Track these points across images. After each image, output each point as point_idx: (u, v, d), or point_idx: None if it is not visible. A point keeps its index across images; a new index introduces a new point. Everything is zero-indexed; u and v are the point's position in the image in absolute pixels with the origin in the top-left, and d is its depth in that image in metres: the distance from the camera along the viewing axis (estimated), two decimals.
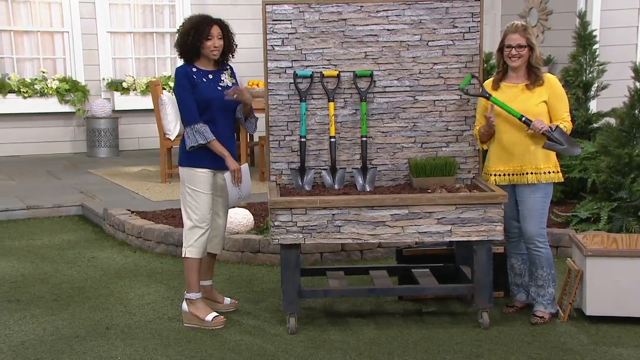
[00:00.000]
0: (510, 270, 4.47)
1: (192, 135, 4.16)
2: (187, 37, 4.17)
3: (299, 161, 4.49)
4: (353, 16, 4.42)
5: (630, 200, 5.52)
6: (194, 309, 4.23)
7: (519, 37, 4.13)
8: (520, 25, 4.17)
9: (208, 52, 4.19)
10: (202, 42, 4.16)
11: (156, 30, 10.08)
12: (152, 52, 10.12)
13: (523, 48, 4.13)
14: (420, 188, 4.35)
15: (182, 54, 4.25)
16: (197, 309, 4.23)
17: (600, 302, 4.17)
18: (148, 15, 10.07)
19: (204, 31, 4.15)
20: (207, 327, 4.18)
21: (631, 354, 3.80)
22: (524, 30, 4.15)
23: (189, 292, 4.26)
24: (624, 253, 4.22)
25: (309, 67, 4.45)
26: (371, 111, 4.50)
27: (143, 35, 10.08)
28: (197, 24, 4.18)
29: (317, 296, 4.51)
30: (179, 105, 4.26)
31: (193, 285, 4.25)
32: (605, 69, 6.55)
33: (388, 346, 3.96)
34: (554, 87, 4.21)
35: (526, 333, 4.09)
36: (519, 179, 4.21)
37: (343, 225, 4.10)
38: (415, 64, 4.46)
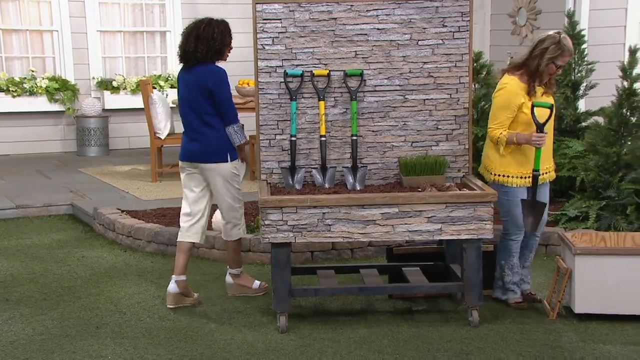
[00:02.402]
0: (510, 270, 4.44)
1: (241, 133, 4.52)
2: (226, 39, 4.48)
3: (289, 160, 4.50)
4: (343, 15, 4.44)
5: (619, 198, 5.56)
6: (240, 280, 4.73)
7: (569, 59, 4.28)
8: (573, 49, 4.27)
9: (228, 54, 4.54)
10: (230, 45, 4.52)
11: (146, 29, 10.05)
12: (142, 51, 10.09)
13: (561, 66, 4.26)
14: (410, 187, 4.37)
15: (212, 56, 4.47)
16: (243, 279, 4.73)
17: (588, 300, 4.20)
18: (138, 14, 10.05)
19: (231, 35, 4.52)
20: (255, 294, 4.70)
21: (619, 351, 3.83)
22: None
23: (235, 267, 4.73)
24: (612, 251, 4.25)
25: (300, 66, 4.46)
26: (361, 110, 4.51)
27: (133, 34, 10.06)
28: (228, 27, 4.54)
29: (308, 295, 4.52)
30: (226, 103, 4.47)
31: (240, 261, 4.77)
32: (594, 69, 6.59)
33: (378, 344, 3.98)
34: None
35: (515, 331, 4.11)
36: (542, 179, 4.32)
37: (333, 224, 4.11)
38: (405, 63, 4.48)
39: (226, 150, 4.49)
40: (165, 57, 10.09)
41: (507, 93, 4.25)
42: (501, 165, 4.34)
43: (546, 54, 4.17)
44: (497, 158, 4.34)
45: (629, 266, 4.15)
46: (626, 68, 6.07)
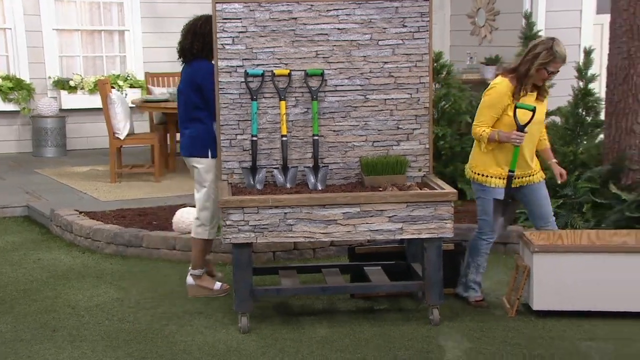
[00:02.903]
0: (475, 269, 4.50)
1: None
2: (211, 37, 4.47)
3: (250, 160, 4.47)
4: (303, 15, 4.43)
5: (575, 197, 5.65)
6: (201, 281, 4.71)
7: (561, 66, 4.28)
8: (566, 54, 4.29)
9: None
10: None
11: (104, 28, 9.91)
12: (101, 50, 9.94)
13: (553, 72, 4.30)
14: (371, 186, 4.38)
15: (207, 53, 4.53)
16: (204, 280, 4.72)
17: (546, 297, 4.26)
18: (95, 13, 9.89)
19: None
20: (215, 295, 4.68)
21: (575, 347, 3.90)
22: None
23: (197, 267, 4.70)
24: (569, 249, 4.32)
25: (260, 66, 4.44)
26: (322, 110, 4.51)
27: (91, 33, 9.90)
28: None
29: (270, 295, 4.51)
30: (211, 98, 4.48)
31: (202, 262, 4.72)
32: None
33: (340, 344, 3.98)
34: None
35: (475, 329, 4.16)
36: (530, 180, 4.43)
37: (295, 224, 4.11)
38: (365, 63, 4.49)
39: (207, 145, 4.55)
40: (124, 56, 9.96)
41: (496, 93, 4.34)
42: (482, 164, 4.41)
43: (538, 59, 4.23)
44: (480, 157, 4.43)
45: (586, 263, 4.23)
46: (581, 69, 6.19)
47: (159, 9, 9.61)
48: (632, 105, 5.46)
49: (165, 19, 9.62)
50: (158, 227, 5.82)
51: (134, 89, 9.60)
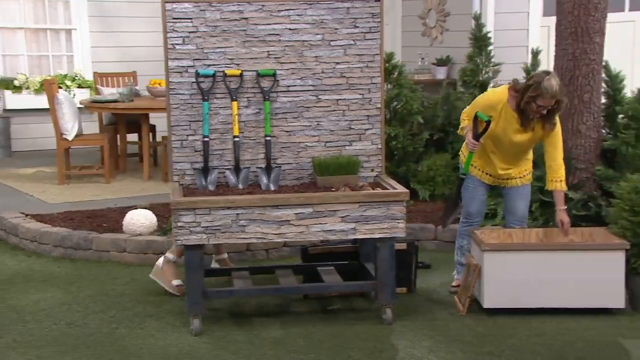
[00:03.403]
0: (459, 250, 4.77)
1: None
2: None
3: (202, 161, 4.43)
4: (254, 15, 4.41)
5: None
6: (167, 267, 4.67)
7: (553, 101, 4.25)
8: (559, 90, 4.24)
9: None
10: None
11: (50, 27, 9.68)
12: (47, 49, 9.71)
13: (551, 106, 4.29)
14: (324, 187, 4.39)
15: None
16: (170, 268, 4.67)
17: (496, 295, 4.32)
18: (40, 11, 9.65)
19: None
20: (168, 289, 4.63)
21: (524, 343, 3.96)
22: (560, 92, 4.26)
23: (174, 254, 4.67)
24: (518, 247, 4.39)
25: (211, 66, 4.41)
26: (275, 110, 4.50)
27: (35, 31, 9.66)
28: None
29: (222, 297, 4.47)
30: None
31: (179, 250, 4.61)
32: (500, 70, 6.81)
33: (293, 344, 3.97)
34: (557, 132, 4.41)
35: (427, 327, 4.19)
36: (506, 183, 4.61)
37: (247, 225, 4.08)
38: (317, 64, 4.49)
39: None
40: (71, 55, 9.74)
41: (489, 101, 4.45)
42: (475, 155, 4.57)
43: (528, 91, 4.28)
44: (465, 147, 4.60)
45: (534, 262, 4.30)
46: (529, 69, 6.29)
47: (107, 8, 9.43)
48: (577, 106, 5.58)
49: (114, 18, 9.46)
50: (108, 229, 5.72)
51: (82, 89, 9.40)
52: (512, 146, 4.47)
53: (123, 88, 7.82)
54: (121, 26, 9.35)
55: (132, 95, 7.56)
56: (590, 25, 5.47)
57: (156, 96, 7.60)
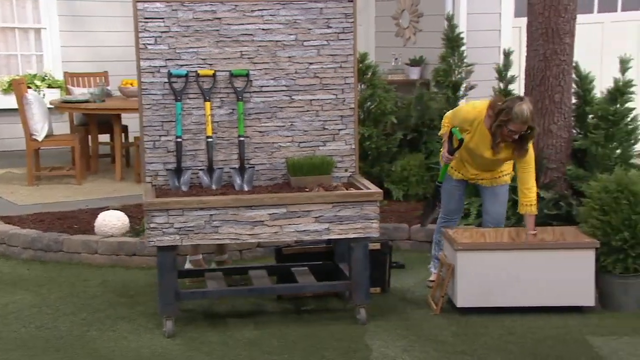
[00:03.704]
0: (436, 245, 4.85)
1: None
2: None
3: (175, 162, 4.41)
4: (227, 15, 4.39)
5: None
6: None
7: (524, 127, 4.28)
8: (530, 116, 4.26)
9: None
10: None
11: (18, 26, 9.53)
12: (15, 48, 9.55)
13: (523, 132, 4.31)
14: (298, 187, 4.39)
15: None
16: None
17: (469, 294, 4.35)
18: (7, 10, 9.48)
19: None
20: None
21: (497, 342, 4.00)
22: (532, 119, 4.29)
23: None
24: (491, 246, 4.42)
25: (184, 66, 4.38)
26: (248, 111, 4.48)
27: (3, 30, 9.50)
28: None
29: (195, 298, 4.45)
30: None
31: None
32: (473, 70, 6.84)
33: (267, 345, 3.96)
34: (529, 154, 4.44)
35: (401, 327, 4.21)
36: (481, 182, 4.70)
37: (221, 226, 4.07)
38: (291, 64, 4.49)
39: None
40: (41, 55, 9.59)
41: (468, 114, 4.48)
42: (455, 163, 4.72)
43: (500, 115, 4.31)
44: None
45: (507, 261, 4.34)
46: (501, 70, 6.34)
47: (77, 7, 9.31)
48: (548, 106, 5.64)
49: (84, 17, 9.33)
50: (79, 230, 5.65)
51: (52, 89, 9.27)
52: (484, 160, 4.54)
53: (94, 88, 7.73)
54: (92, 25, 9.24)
55: (103, 96, 7.49)
56: (560, 27, 5.53)
57: (128, 96, 7.53)
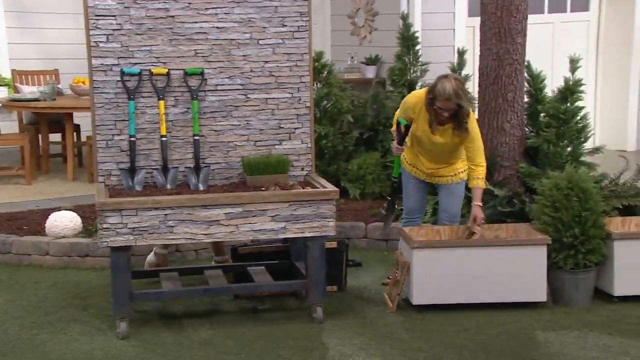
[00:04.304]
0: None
1: None
2: None
3: (128, 161, 4.35)
4: (181, 13, 4.35)
5: None
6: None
7: (450, 104, 4.31)
8: (453, 93, 4.27)
9: None
10: None
11: None
12: None
13: (452, 109, 4.34)
14: (254, 186, 4.37)
15: None
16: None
17: (425, 291, 4.39)
18: None
19: None
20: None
21: (452, 339, 4.04)
22: (456, 96, 4.29)
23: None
24: (446, 244, 4.47)
25: (137, 65, 4.32)
26: (203, 109, 4.45)
27: None
28: None
29: (150, 299, 4.40)
30: None
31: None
32: (427, 69, 6.90)
33: (223, 345, 3.94)
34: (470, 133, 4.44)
35: (357, 325, 4.22)
36: (438, 180, 4.67)
37: (176, 226, 4.03)
38: (246, 62, 4.47)
39: None
40: None
41: (409, 103, 4.54)
42: (405, 151, 4.70)
43: (429, 93, 4.39)
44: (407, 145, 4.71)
45: (462, 258, 4.38)
46: (455, 69, 6.42)
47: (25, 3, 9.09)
48: (502, 105, 5.72)
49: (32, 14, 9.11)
50: (29, 232, 5.54)
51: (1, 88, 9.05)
52: (433, 147, 4.55)
53: (44, 86, 7.57)
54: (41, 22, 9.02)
55: (54, 94, 7.34)
56: (512, 26, 5.62)
57: (80, 95, 7.40)
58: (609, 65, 8.45)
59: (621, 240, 4.46)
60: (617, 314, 4.30)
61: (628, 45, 8.28)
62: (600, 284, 4.54)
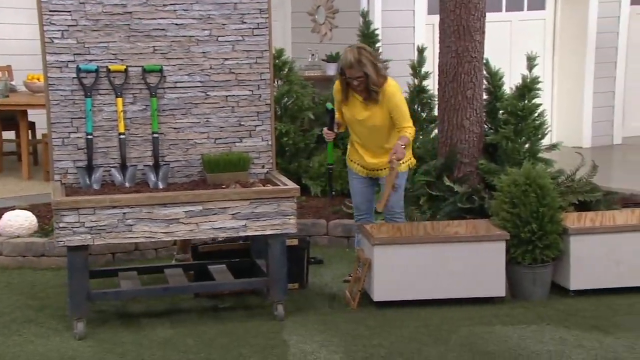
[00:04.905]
0: (357, 243, 4.83)
1: None
2: None
3: (86, 159, 4.29)
4: (139, 9, 4.29)
5: (413, 190, 5.89)
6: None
7: (355, 72, 4.37)
8: (354, 61, 4.36)
9: None
10: None
11: None
12: None
13: (361, 78, 4.37)
14: (214, 184, 4.34)
15: None
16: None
17: (386, 288, 4.41)
18: None
19: None
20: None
21: (411, 334, 4.06)
22: (358, 63, 4.36)
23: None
24: (406, 240, 4.50)
25: (94, 61, 4.26)
26: (162, 107, 4.40)
27: None
28: None
29: (108, 298, 4.34)
30: None
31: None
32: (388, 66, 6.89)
33: (183, 344, 3.91)
34: (390, 100, 4.46)
35: (319, 322, 4.23)
36: (378, 174, 4.65)
37: (135, 224, 3.98)
38: (205, 59, 4.43)
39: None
40: None
41: (336, 86, 4.63)
42: (349, 149, 4.76)
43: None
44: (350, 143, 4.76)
45: (422, 254, 4.42)
46: (416, 66, 6.46)
47: None
48: (461, 102, 5.77)
49: None
50: None
51: None
52: (363, 128, 4.56)
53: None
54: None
55: (7, 91, 7.18)
56: (471, 24, 5.67)
57: (35, 92, 7.25)
58: (565, 63, 8.60)
59: (577, 235, 4.54)
60: (572, 308, 4.38)
61: (583, 43, 8.43)
62: (557, 279, 4.62)
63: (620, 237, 4.57)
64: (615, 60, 8.52)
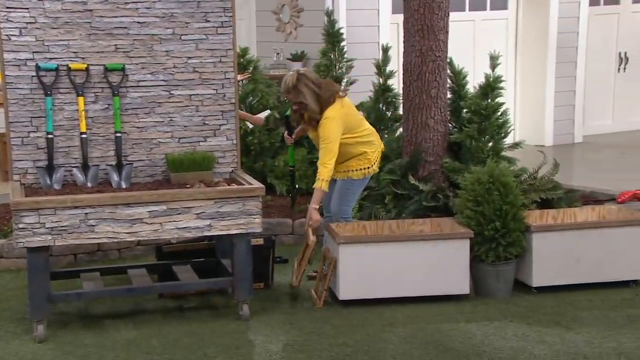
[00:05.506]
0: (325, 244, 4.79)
1: None
2: None
3: (46, 159, 4.22)
4: (99, 7, 4.24)
5: (378, 189, 5.91)
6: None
7: (292, 97, 4.47)
8: (291, 86, 4.43)
9: None
10: None
11: None
12: None
13: (299, 103, 4.44)
14: (178, 183, 4.31)
15: None
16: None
17: (351, 286, 4.42)
18: None
19: None
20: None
21: (377, 333, 4.08)
22: (293, 89, 4.43)
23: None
24: (372, 239, 4.51)
25: (54, 60, 4.20)
26: (125, 106, 4.35)
27: None
28: None
29: (70, 300, 4.28)
30: None
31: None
32: (353, 65, 6.94)
33: (147, 345, 3.87)
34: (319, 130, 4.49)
35: (284, 321, 4.22)
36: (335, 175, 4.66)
37: (97, 225, 3.93)
38: (169, 58, 4.39)
39: None
40: None
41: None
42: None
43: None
44: None
45: (387, 252, 4.44)
46: (380, 65, 6.48)
47: None
48: (425, 101, 5.80)
49: None
50: None
51: None
52: (316, 144, 4.62)
53: None
54: None
55: None
56: (435, 23, 5.70)
57: None
58: (527, 63, 8.70)
59: (539, 233, 4.60)
60: (534, 305, 4.43)
61: (544, 43, 8.55)
62: (520, 276, 4.67)
63: (580, 234, 4.64)
64: (575, 60, 8.65)
